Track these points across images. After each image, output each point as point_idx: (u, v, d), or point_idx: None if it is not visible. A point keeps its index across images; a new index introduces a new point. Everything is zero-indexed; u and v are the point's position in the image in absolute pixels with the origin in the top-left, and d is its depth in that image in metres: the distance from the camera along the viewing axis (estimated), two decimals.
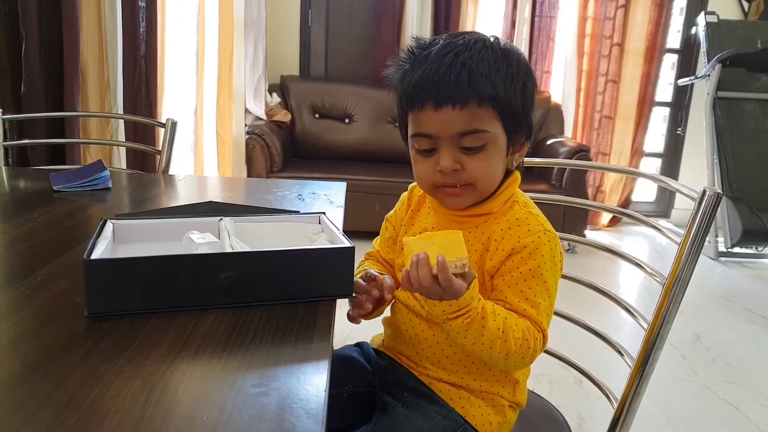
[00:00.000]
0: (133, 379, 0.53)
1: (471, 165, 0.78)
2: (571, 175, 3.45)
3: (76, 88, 2.51)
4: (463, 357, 0.84)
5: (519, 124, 0.80)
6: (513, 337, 0.73)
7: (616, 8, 3.94)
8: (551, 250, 0.79)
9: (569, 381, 1.93)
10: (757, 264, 3.61)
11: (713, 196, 0.86)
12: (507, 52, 0.78)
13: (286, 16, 3.96)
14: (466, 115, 0.75)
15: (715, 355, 2.31)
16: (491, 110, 0.76)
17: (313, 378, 0.55)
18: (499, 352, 0.73)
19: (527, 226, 0.80)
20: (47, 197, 1.22)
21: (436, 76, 0.75)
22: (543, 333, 0.77)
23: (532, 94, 0.81)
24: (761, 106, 3.74)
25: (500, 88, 0.76)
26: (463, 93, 0.74)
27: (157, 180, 1.55)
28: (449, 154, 0.77)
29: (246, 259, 0.71)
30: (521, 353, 0.74)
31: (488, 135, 0.77)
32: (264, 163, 3.39)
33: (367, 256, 1.00)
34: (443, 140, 0.77)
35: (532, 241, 0.78)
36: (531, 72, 0.81)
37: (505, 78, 0.76)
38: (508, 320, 0.74)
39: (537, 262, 0.77)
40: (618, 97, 4.07)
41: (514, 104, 0.77)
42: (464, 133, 0.76)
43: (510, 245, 0.78)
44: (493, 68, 0.75)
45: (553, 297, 0.79)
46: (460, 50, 0.76)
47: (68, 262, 0.83)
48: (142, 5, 2.72)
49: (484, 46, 0.77)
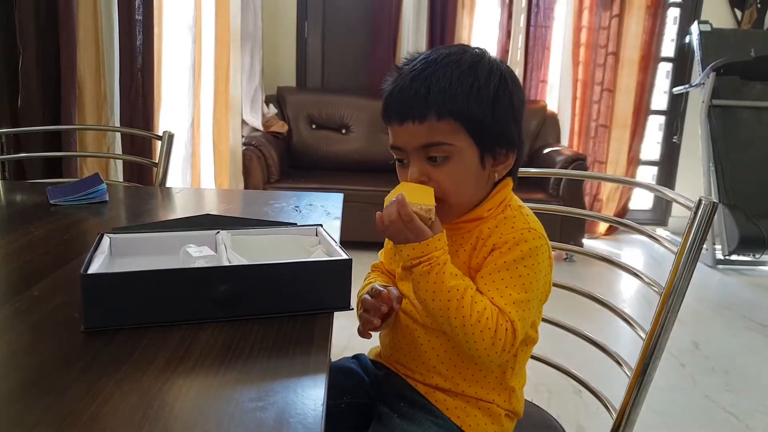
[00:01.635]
0: (130, 395, 0.53)
1: (438, 177, 0.79)
2: (568, 184, 3.46)
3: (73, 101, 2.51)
4: (459, 363, 0.84)
5: (491, 137, 0.80)
6: (471, 307, 0.74)
7: (610, 18, 3.97)
8: (533, 248, 0.78)
9: (568, 391, 1.93)
10: (754, 271, 3.61)
11: (709, 206, 0.86)
12: (475, 65, 0.79)
13: (282, 28, 3.98)
14: (427, 129, 0.77)
15: (714, 363, 2.31)
16: (454, 123, 0.77)
17: (310, 392, 0.55)
18: (455, 316, 0.74)
19: (512, 224, 0.80)
20: (44, 211, 1.22)
21: (400, 92, 0.79)
22: (512, 324, 0.75)
23: (508, 106, 0.80)
24: (756, 114, 3.77)
25: (462, 102, 0.77)
26: (421, 108, 0.77)
27: (154, 193, 1.55)
28: (416, 166, 0.80)
29: (243, 273, 0.71)
30: (480, 330, 0.73)
31: (452, 148, 0.78)
32: (261, 174, 3.39)
33: (373, 267, 1.01)
34: (410, 152, 0.80)
35: (513, 237, 0.78)
36: (507, 84, 0.80)
37: (468, 92, 0.77)
38: (472, 290, 0.75)
39: (513, 256, 0.77)
40: (614, 106, 4.10)
41: (480, 117, 0.78)
42: (426, 145, 0.78)
43: (493, 241, 0.79)
44: (455, 83, 0.77)
45: (530, 293, 0.77)
46: (425, 66, 0.79)
47: (65, 277, 0.83)
48: (138, 18, 2.73)
49: (450, 61, 0.79)
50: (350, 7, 4.03)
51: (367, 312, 0.84)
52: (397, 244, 0.76)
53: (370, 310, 0.83)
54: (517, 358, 0.86)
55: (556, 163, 3.51)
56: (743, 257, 3.61)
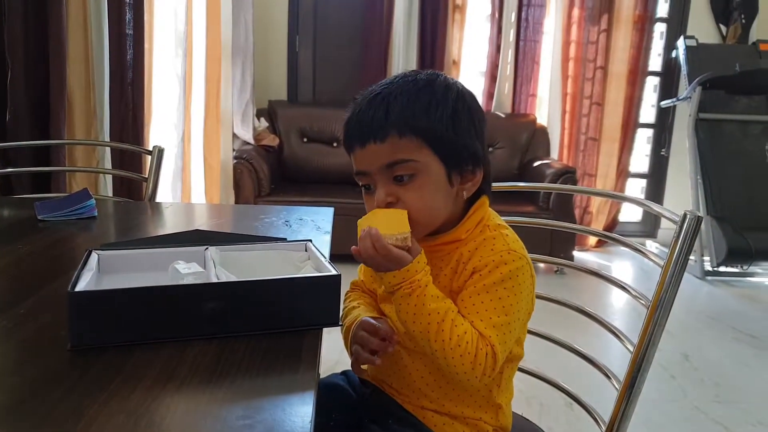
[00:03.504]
0: (117, 414, 0.52)
1: (405, 196, 0.79)
2: (557, 198, 3.48)
3: (62, 116, 2.50)
4: (444, 384, 0.84)
5: (455, 151, 0.80)
6: (451, 331, 0.74)
7: (598, 32, 4.02)
8: (513, 270, 0.78)
9: (559, 403, 1.93)
10: (742, 283, 3.64)
11: (694, 219, 0.87)
12: (431, 83, 0.80)
13: (273, 42, 4.00)
14: (390, 147, 0.78)
15: (704, 375, 2.32)
16: (416, 140, 0.78)
17: (298, 409, 0.55)
18: (435, 339, 0.74)
19: (492, 246, 0.80)
20: (32, 227, 1.21)
21: (359, 115, 0.80)
22: (492, 348, 0.74)
23: (468, 121, 0.81)
24: (741, 127, 3.82)
25: (421, 117, 0.78)
26: (381, 126, 0.78)
27: (144, 208, 1.54)
28: (382, 188, 0.80)
29: (231, 289, 0.71)
30: (459, 354, 0.73)
31: (417, 164, 0.78)
32: (252, 188, 3.39)
33: (352, 285, 1.00)
34: (376, 175, 0.80)
35: (492, 259, 0.78)
36: (465, 99, 0.82)
37: (427, 107, 0.78)
38: (453, 314, 0.75)
39: (493, 279, 0.77)
40: (602, 119, 4.14)
41: (440, 131, 0.78)
42: (391, 163, 0.78)
43: (473, 265, 0.79)
44: (412, 99, 0.78)
45: (510, 316, 0.77)
46: (382, 89, 0.80)
47: (52, 294, 0.82)
48: (129, 32, 2.73)
49: (406, 81, 0.80)
50: (341, 21, 4.05)
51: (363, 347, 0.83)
52: (378, 272, 0.76)
53: (377, 350, 0.82)
54: (503, 375, 0.86)
55: (546, 176, 3.53)
56: (731, 269, 3.64)
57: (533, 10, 4.04)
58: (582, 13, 3.99)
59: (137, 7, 2.74)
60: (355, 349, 0.85)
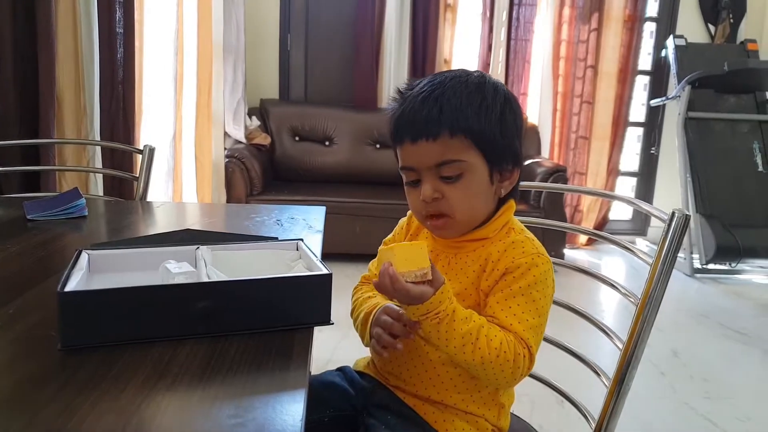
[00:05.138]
0: (107, 413, 0.52)
1: (451, 194, 0.82)
2: (548, 196, 3.50)
3: (51, 115, 2.49)
4: (455, 376, 0.85)
5: (499, 152, 0.83)
6: (487, 344, 0.76)
7: (588, 32, 4.04)
8: (543, 273, 0.82)
9: (550, 401, 1.93)
10: (731, 280, 3.67)
11: (682, 218, 0.88)
12: (481, 85, 0.83)
13: (265, 40, 3.99)
14: (440, 147, 0.80)
15: (693, 371, 2.34)
16: (466, 140, 0.80)
17: (289, 407, 0.55)
18: (472, 357, 0.76)
19: (522, 249, 0.83)
20: (21, 226, 1.20)
21: (411, 113, 0.82)
22: (529, 350, 0.78)
23: (513, 123, 0.84)
24: (730, 126, 3.85)
25: (473, 119, 0.80)
26: (434, 126, 0.79)
27: (135, 207, 1.54)
28: (429, 184, 0.82)
29: (222, 289, 0.71)
30: (499, 364, 0.76)
31: (465, 164, 0.81)
32: (244, 187, 3.38)
33: (363, 279, 1.01)
34: (424, 171, 0.82)
35: (525, 262, 0.81)
36: (511, 102, 0.84)
37: (478, 110, 0.80)
38: (485, 329, 0.77)
39: (527, 281, 0.80)
40: (593, 118, 4.16)
41: (490, 133, 0.81)
42: (441, 163, 0.81)
43: (504, 265, 0.82)
44: (465, 101, 0.80)
45: (542, 318, 0.81)
46: (435, 87, 0.82)
47: (42, 294, 0.82)
48: (119, 31, 2.72)
49: (458, 82, 0.82)
50: (333, 20, 4.05)
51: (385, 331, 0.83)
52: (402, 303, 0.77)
53: (398, 335, 0.82)
54: None
55: (537, 175, 3.55)
56: (720, 266, 3.67)
57: (524, 9, 4.05)
58: (572, 12, 4.01)
59: (127, 5, 2.73)
60: (376, 332, 0.85)
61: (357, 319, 0.91)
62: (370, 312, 0.88)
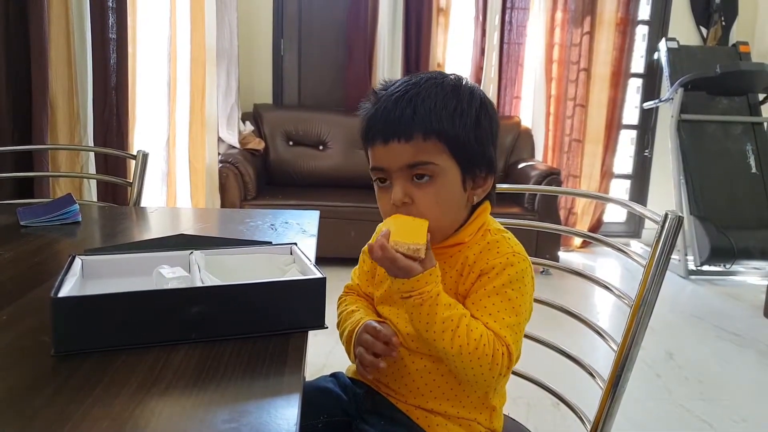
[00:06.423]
0: (101, 419, 0.52)
1: (421, 200, 0.80)
2: (543, 199, 3.51)
3: (44, 120, 2.48)
4: (443, 384, 0.85)
5: (473, 158, 0.82)
6: (467, 334, 0.75)
7: (581, 35, 4.06)
8: (519, 271, 0.81)
9: (546, 403, 1.94)
10: (725, 281, 3.69)
11: (675, 220, 0.88)
12: (457, 88, 0.82)
13: (258, 45, 3.99)
14: (412, 148, 0.79)
15: (688, 373, 2.34)
16: (439, 144, 0.79)
17: (284, 412, 0.55)
18: (451, 345, 0.75)
19: (497, 249, 0.82)
20: (14, 233, 1.20)
21: (384, 112, 0.80)
22: (508, 348, 0.77)
23: (488, 129, 0.83)
24: (722, 128, 3.87)
25: (447, 122, 0.79)
26: (407, 127, 0.78)
27: (128, 212, 1.53)
28: (400, 187, 0.80)
29: (216, 293, 0.71)
30: (477, 357, 0.75)
31: (436, 167, 0.79)
32: (238, 192, 3.38)
33: (346, 289, 1.00)
34: (394, 173, 0.81)
35: (499, 262, 0.80)
36: (487, 107, 0.83)
37: (453, 113, 0.79)
38: (467, 319, 0.76)
39: (501, 280, 0.79)
40: (586, 121, 4.18)
41: (464, 138, 0.80)
42: (412, 165, 0.79)
43: (480, 267, 0.81)
44: (440, 103, 0.79)
45: (520, 316, 0.80)
46: (409, 88, 0.81)
47: (35, 300, 0.82)
48: (112, 37, 2.71)
49: (434, 84, 0.81)
50: (326, 25, 4.05)
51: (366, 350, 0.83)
52: (389, 276, 0.77)
53: (379, 352, 0.82)
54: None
55: (531, 178, 3.56)
56: (714, 267, 3.68)
57: (517, 13, 4.07)
58: (565, 15, 4.03)
59: (120, 11, 2.72)
60: (358, 352, 0.84)
61: (342, 335, 0.91)
62: (353, 330, 0.87)
